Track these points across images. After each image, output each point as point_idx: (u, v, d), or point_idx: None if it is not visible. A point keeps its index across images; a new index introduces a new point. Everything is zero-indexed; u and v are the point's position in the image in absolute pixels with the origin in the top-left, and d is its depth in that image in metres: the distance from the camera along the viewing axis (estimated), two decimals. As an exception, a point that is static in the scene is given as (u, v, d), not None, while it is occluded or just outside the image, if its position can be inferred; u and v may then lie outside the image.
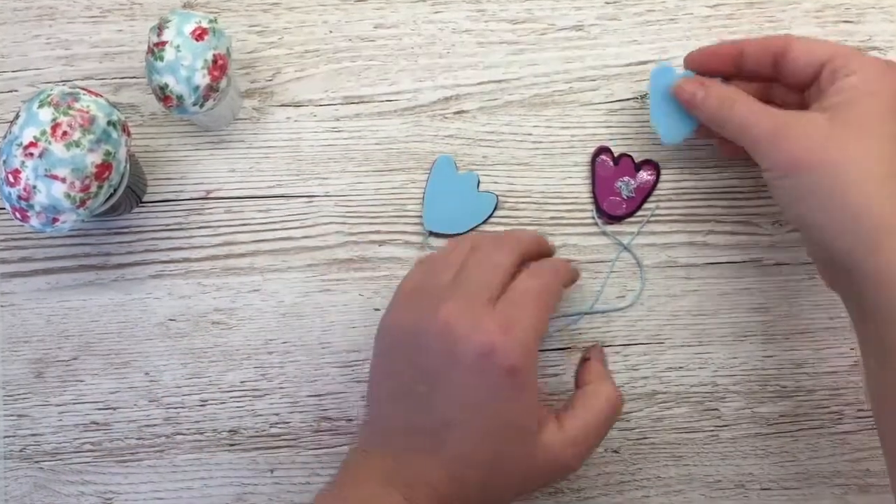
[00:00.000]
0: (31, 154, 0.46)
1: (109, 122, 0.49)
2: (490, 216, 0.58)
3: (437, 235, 0.58)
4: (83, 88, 0.49)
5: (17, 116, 0.47)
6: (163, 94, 0.51)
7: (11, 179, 0.46)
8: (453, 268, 0.48)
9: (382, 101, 0.59)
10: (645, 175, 0.58)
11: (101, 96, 0.50)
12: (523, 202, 0.58)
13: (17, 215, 0.48)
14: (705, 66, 0.53)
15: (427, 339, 0.45)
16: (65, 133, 0.46)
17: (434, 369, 0.45)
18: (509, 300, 0.46)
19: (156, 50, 0.50)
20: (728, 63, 0.53)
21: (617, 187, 0.57)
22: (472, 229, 0.58)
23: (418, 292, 0.48)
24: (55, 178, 0.46)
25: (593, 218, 0.58)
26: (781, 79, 0.51)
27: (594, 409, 0.48)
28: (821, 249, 0.48)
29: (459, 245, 0.50)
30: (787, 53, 0.50)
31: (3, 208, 0.57)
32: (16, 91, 0.59)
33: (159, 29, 0.50)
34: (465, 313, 0.45)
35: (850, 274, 0.46)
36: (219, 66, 0.51)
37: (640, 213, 0.57)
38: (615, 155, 0.58)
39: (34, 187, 0.46)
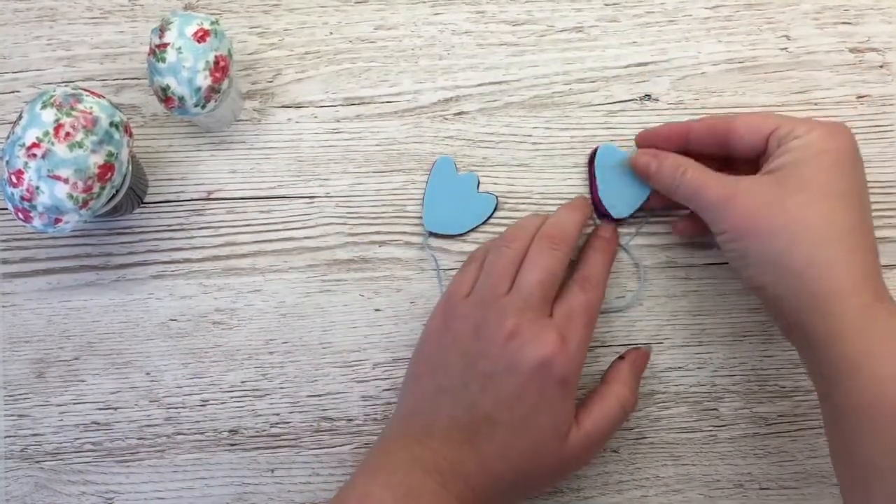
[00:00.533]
0: (35, 155, 0.46)
1: (112, 124, 0.49)
2: (490, 217, 0.58)
3: (438, 236, 0.58)
4: (85, 89, 0.49)
5: (19, 117, 0.48)
6: (164, 96, 0.51)
7: (14, 180, 0.46)
8: (509, 273, 0.51)
9: (383, 103, 0.59)
10: None
11: (104, 97, 0.50)
12: (523, 203, 0.58)
13: (20, 216, 0.48)
14: (655, 147, 0.55)
15: (489, 345, 0.49)
16: (67, 134, 0.47)
17: (490, 372, 0.49)
18: (566, 314, 0.50)
19: (157, 51, 0.50)
20: (677, 144, 0.54)
21: None
22: (472, 230, 0.58)
23: (479, 299, 0.51)
24: (58, 178, 0.46)
25: (592, 219, 0.58)
26: (732, 155, 0.52)
27: (606, 410, 0.51)
28: (773, 308, 0.49)
29: (511, 245, 0.52)
30: (732, 133, 0.51)
31: (5, 209, 0.57)
32: (17, 92, 0.59)
33: (161, 30, 0.50)
34: (528, 325, 0.49)
35: (800, 330, 0.47)
36: (220, 68, 0.51)
37: (638, 213, 0.58)
38: None
39: (37, 188, 0.46)
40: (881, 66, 0.59)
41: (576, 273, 0.53)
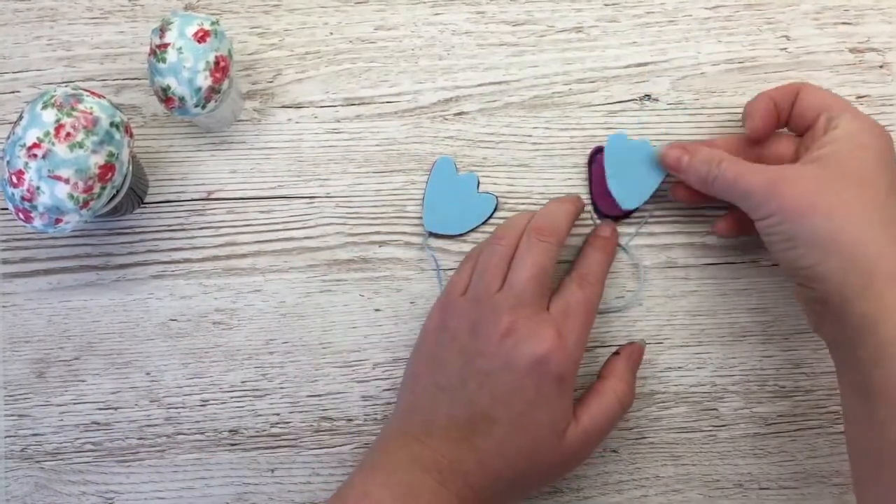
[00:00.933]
0: (35, 155, 0.46)
1: (112, 124, 0.49)
2: (490, 217, 0.58)
3: (437, 236, 0.58)
4: (86, 90, 0.49)
5: (20, 117, 0.48)
6: (165, 96, 0.51)
7: (15, 180, 0.47)
8: (500, 270, 0.52)
9: (383, 103, 0.59)
10: None
11: (104, 98, 0.50)
12: (523, 203, 0.58)
13: (21, 216, 0.48)
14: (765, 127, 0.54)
15: (486, 343, 0.49)
16: (68, 134, 0.47)
17: (488, 369, 0.49)
18: (563, 311, 0.50)
19: (158, 52, 0.50)
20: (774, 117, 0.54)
21: None
22: (472, 230, 0.58)
23: (473, 297, 0.51)
24: (59, 179, 0.46)
25: (591, 219, 0.58)
26: (790, 122, 0.54)
27: (604, 406, 0.52)
28: (812, 291, 0.49)
29: (501, 242, 0.53)
30: (799, 101, 0.53)
31: (6, 209, 0.57)
32: (17, 92, 0.59)
33: (161, 31, 0.51)
34: (524, 322, 0.49)
35: (839, 316, 0.47)
36: (220, 68, 0.51)
37: (638, 213, 0.58)
38: None
39: (38, 188, 0.46)
40: (881, 67, 0.59)
41: (574, 271, 0.54)
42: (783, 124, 0.54)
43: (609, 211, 0.58)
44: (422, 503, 0.46)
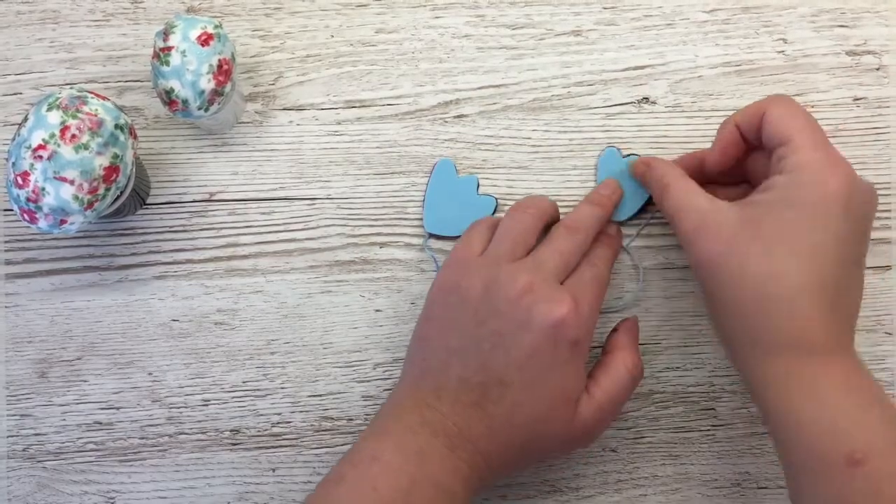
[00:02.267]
0: (40, 156, 0.46)
1: (117, 126, 0.49)
2: (490, 218, 0.58)
3: (438, 237, 0.58)
4: (91, 92, 0.50)
5: (25, 119, 0.48)
6: (168, 99, 0.51)
7: (20, 181, 0.47)
8: (526, 241, 0.52)
9: (383, 105, 0.59)
10: None
11: (109, 100, 0.50)
12: (522, 205, 0.59)
13: (26, 217, 0.48)
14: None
15: (501, 302, 0.49)
16: (73, 136, 0.47)
17: (503, 331, 0.48)
18: (578, 282, 0.50)
19: (162, 55, 0.51)
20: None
21: None
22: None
23: (492, 258, 0.51)
24: (64, 180, 0.47)
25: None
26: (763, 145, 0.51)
27: (614, 377, 0.51)
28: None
29: (528, 210, 0.53)
30: (763, 123, 0.50)
31: (10, 210, 0.57)
32: (20, 94, 0.59)
33: (165, 34, 0.51)
34: (541, 285, 0.49)
35: (741, 374, 0.49)
36: (223, 71, 0.52)
37: (640, 215, 0.58)
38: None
39: (43, 189, 0.47)
40: (878, 69, 0.60)
41: (582, 259, 0.53)
42: (755, 147, 0.52)
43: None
44: (432, 468, 0.46)
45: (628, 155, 0.58)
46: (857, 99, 0.59)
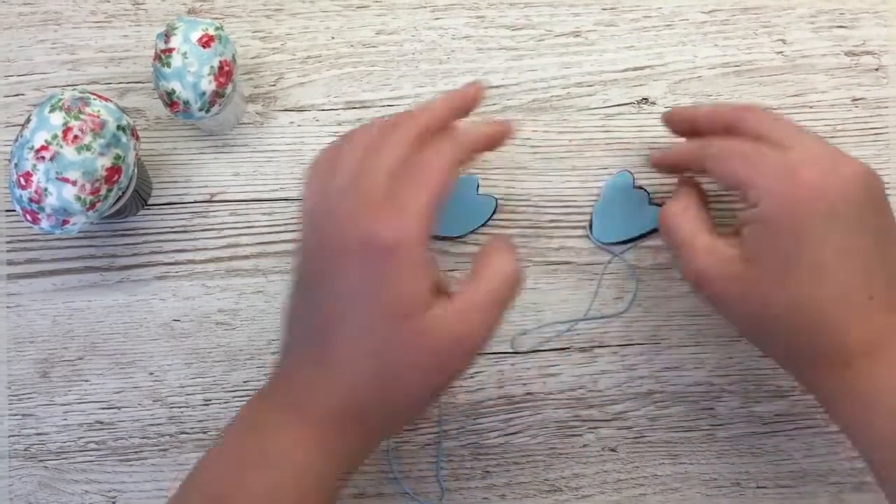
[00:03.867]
0: (43, 157, 0.47)
1: (119, 127, 0.49)
2: (490, 219, 0.58)
3: (438, 238, 0.58)
4: (93, 93, 0.50)
5: (28, 120, 0.48)
6: (170, 100, 0.52)
7: (23, 182, 0.47)
8: (349, 169, 0.44)
9: (384, 106, 0.60)
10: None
11: (111, 101, 0.50)
12: (522, 205, 0.59)
13: (28, 217, 0.48)
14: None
15: (323, 242, 0.43)
16: (76, 137, 0.47)
17: (323, 269, 0.43)
18: (398, 178, 0.43)
19: (163, 56, 0.51)
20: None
21: None
22: (472, 232, 0.58)
23: (321, 205, 0.45)
24: (66, 180, 0.47)
25: (587, 235, 0.58)
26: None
27: (484, 276, 0.44)
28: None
29: (358, 137, 0.46)
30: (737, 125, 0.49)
31: (11, 210, 0.58)
32: (22, 95, 0.59)
33: (166, 36, 0.51)
34: (356, 206, 0.42)
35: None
36: (224, 73, 0.52)
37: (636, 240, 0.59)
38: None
39: (45, 190, 0.47)
40: (876, 69, 0.60)
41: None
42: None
43: (597, 234, 0.58)
44: (267, 445, 0.43)
45: (640, 187, 0.58)
46: (856, 99, 0.60)
